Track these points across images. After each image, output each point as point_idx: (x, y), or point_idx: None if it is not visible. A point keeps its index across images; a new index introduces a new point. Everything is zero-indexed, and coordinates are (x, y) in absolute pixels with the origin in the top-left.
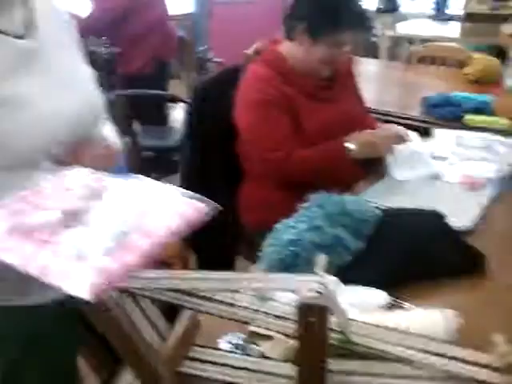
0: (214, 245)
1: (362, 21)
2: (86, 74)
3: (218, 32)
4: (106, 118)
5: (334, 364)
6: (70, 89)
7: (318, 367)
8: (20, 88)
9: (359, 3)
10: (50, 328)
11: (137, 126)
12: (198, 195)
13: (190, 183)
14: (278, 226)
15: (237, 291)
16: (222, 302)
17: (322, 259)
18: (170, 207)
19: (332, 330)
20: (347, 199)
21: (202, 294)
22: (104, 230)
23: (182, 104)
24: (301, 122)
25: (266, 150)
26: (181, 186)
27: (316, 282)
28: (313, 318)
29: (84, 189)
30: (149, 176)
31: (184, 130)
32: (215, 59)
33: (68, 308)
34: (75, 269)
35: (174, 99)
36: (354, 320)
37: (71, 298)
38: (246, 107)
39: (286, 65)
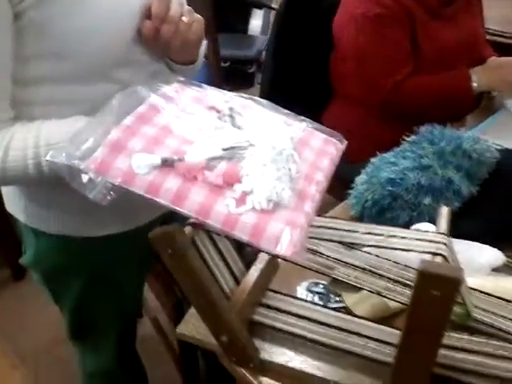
0: None
1: None
2: None
3: None
4: None
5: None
6: None
7: (430, 343)
8: None
9: None
10: (122, 257)
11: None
12: (327, 129)
13: (271, 99)
14: (374, 160)
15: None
16: None
17: (445, 211)
18: (315, 146)
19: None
20: (464, 136)
21: None
22: (274, 173)
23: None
24: (417, 41)
25: (376, 74)
26: None
27: (442, 243)
28: (437, 290)
29: (218, 110)
30: (222, 87)
31: (270, 38)
32: None
33: (142, 239)
34: (270, 223)
35: (261, 4)
36: (473, 289)
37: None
38: (355, 21)
39: None
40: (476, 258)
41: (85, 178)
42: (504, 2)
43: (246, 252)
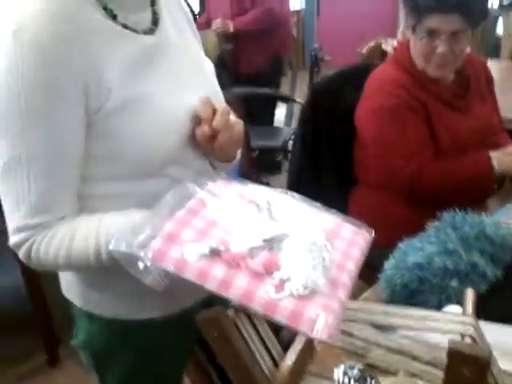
0: None
1: (448, 5)
2: (209, 69)
3: (326, 29)
4: None
5: None
6: (194, 85)
7: None
8: (148, 87)
9: None
10: (166, 340)
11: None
12: (355, 220)
13: (299, 185)
14: (401, 245)
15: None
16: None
17: (470, 294)
18: (346, 236)
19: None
20: (486, 221)
21: None
22: (310, 261)
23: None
24: (433, 130)
25: (398, 160)
26: (289, 188)
27: (470, 325)
28: (467, 370)
29: (257, 204)
30: (252, 175)
31: (297, 130)
32: (325, 57)
33: (185, 321)
34: (307, 308)
35: (286, 98)
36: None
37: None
38: (375, 112)
39: (416, 67)
40: (507, 340)
41: (141, 265)
42: None
43: (283, 334)
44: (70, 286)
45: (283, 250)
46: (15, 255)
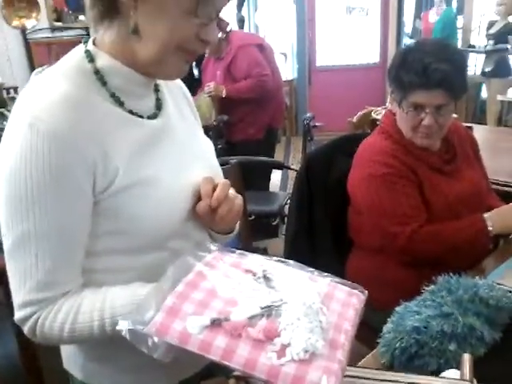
0: None
1: (433, 82)
2: (208, 147)
3: (317, 97)
4: None
5: None
6: (195, 164)
7: None
8: (152, 168)
9: (443, 64)
10: None
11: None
12: (348, 282)
13: (296, 248)
14: (398, 308)
15: None
16: None
17: (467, 358)
18: (340, 298)
19: None
20: (480, 284)
21: None
22: (307, 325)
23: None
24: (425, 196)
25: (394, 226)
26: (286, 251)
27: None
28: None
29: (253, 273)
30: (250, 239)
31: (292, 196)
32: (317, 124)
33: None
34: (309, 372)
35: (281, 165)
36: None
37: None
38: (367, 181)
39: (404, 137)
40: None
41: (150, 341)
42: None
43: None
44: (71, 358)
45: (281, 316)
46: (12, 324)
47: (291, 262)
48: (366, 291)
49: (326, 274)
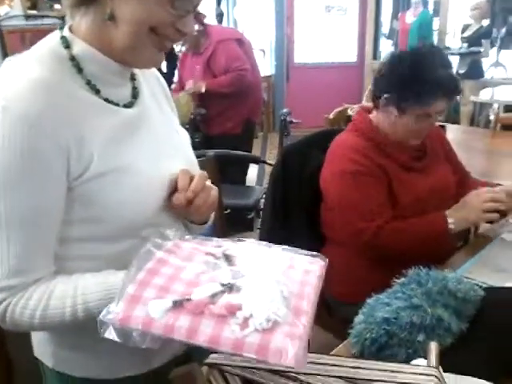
0: None
1: (450, 90)
2: (185, 139)
3: (295, 94)
4: None
5: None
6: (171, 154)
7: None
8: (128, 156)
9: (447, 70)
10: None
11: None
12: (308, 251)
13: (270, 242)
14: (369, 300)
15: None
16: None
17: (433, 347)
18: (301, 266)
19: None
20: (449, 277)
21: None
22: (268, 296)
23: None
24: (394, 193)
25: (360, 222)
26: None
27: (433, 376)
28: None
29: (213, 254)
30: (225, 232)
31: (268, 190)
32: (294, 120)
33: (157, 380)
34: (272, 339)
35: (258, 160)
36: None
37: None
38: (338, 177)
39: (378, 135)
40: None
41: (136, 333)
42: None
43: None
44: (41, 346)
45: (242, 290)
46: None
47: (250, 239)
48: (327, 259)
49: (285, 246)
